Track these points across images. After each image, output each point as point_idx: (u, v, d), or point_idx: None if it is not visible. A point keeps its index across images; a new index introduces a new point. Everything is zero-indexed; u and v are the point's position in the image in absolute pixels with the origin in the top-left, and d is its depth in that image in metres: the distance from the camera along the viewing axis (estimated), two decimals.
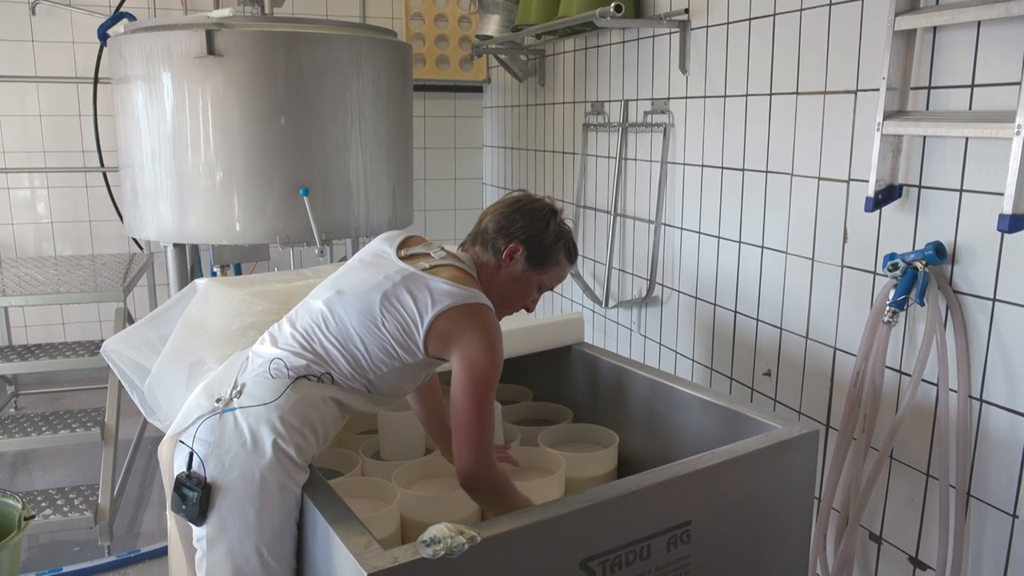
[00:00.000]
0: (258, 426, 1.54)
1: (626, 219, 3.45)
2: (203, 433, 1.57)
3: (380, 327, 1.59)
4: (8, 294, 3.21)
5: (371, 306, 1.60)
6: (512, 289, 1.75)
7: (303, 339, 1.64)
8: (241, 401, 1.57)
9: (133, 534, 3.16)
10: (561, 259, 1.78)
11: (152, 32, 3.24)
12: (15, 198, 4.54)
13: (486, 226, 1.76)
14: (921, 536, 2.12)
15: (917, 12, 1.94)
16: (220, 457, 1.53)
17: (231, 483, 1.52)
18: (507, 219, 1.74)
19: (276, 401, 1.55)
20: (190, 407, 1.65)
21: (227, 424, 1.55)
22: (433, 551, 1.23)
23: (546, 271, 1.77)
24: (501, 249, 1.72)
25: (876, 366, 2.12)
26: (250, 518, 1.52)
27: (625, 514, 1.46)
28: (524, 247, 1.72)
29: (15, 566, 2.00)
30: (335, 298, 1.66)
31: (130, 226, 3.63)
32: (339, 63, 3.34)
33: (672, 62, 3.04)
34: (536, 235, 1.73)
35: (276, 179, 3.30)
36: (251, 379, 1.60)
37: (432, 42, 4.98)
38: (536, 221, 1.74)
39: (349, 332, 1.61)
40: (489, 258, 1.74)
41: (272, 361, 1.61)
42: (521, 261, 1.73)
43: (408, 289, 1.60)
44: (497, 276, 1.74)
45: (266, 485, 1.52)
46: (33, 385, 4.62)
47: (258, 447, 1.52)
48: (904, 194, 2.08)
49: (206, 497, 1.53)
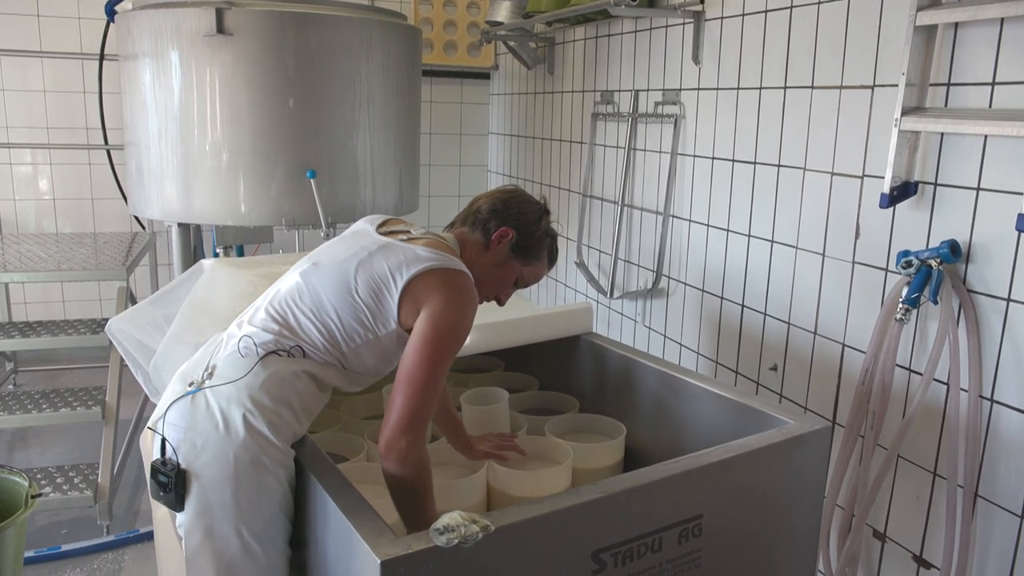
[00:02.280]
0: (228, 406, 1.52)
1: (633, 210, 3.44)
2: (175, 418, 1.55)
3: (354, 295, 1.57)
4: (10, 270, 3.19)
5: (346, 275, 1.59)
6: (493, 274, 1.74)
7: (276, 314, 1.62)
8: (212, 382, 1.55)
9: (132, 513, 3.16)
10: (543, 257, 1.79)
11: (161, 9, 3.21)
12: (17, 174, 4.51)
13: (479, 207, 1.76)
14: (926, 535, 2.12)
15: (939, 8, 1.92)
16: (192, 440, 1.52)
17: (204, 466, 1.51)
18: (503, 203, 1.75)
19: (245, 378, 1.53)
20: (165, 395, 1.64)
21: (199, 406, 1.54)
22: (447, 539, 1.22)
23: (528, 263, 1.77)
24: (491, 230, 1.72)
25: (886, 363, 2.11)
26: (227, 500, 1.50)
27: (638, 506, 1.45)
28: (515, 232, 1.72)
29: (21, 543, 1.99)
30: (311, 270, 1.65)
31: (134, 205, 3.61)
32: (349, 45, 3.31)
33: (685, 53, 3.02)
34: (527, 225, 1.74)
35: (283, 161, 3.28)
36: (221, 359, 1.59)
37: (440, 27, 4.95)
38: (529, 212, 1.76)
39: (323, 303, 1.59)
40: (477, 237, 1.73)
41: (242, 339, 1.60)
42: (507, 247, 1.72)
43: (384, 257, 1.59)
44: (481, 257, 1.72)
45: (240, 465, 1.50)
46: (32, 362, 4.61)
47: (230, 427, 1.50)
48: (919, 191, 2.06)
49: (182, 483, 1.52)
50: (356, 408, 2.31)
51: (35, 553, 2.76)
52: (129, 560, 2.83)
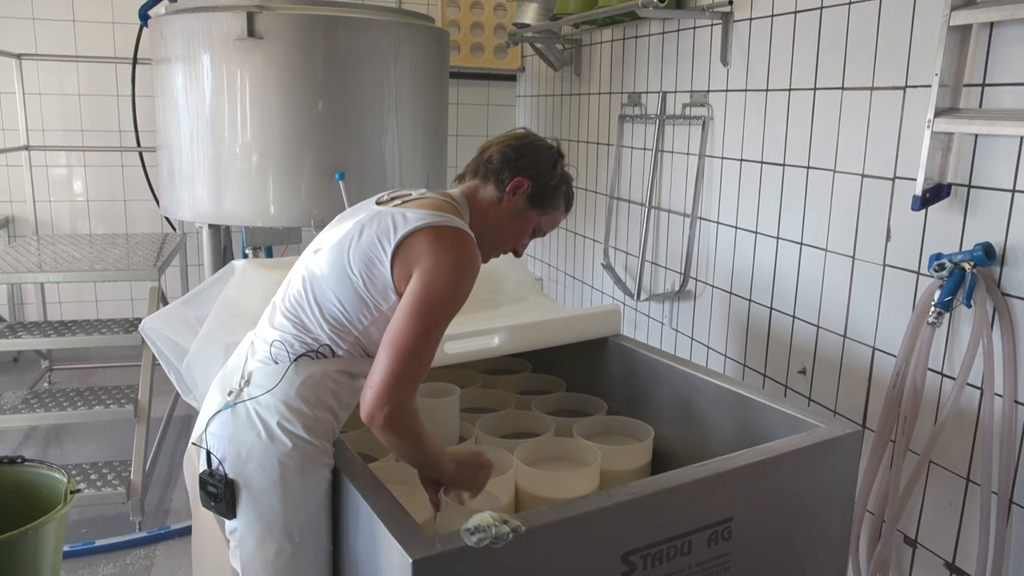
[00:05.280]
0: (268, 414, 1.52)
1: (660, 212, 3.43)
2: (218, 429, 1.56)
3: (350, 274, 1.51)
4: (46, 270, 3.25)
5: (341, 255, 1.53)
6: (510, 226, 1.68)
7: (291, 313, 1.58)
8: (249, 391, 1.55)
9: (162, 511, 3.20)
10: (560, 203, 1.73)
11: (193, 13, 3.25)
12: (53, 176, 4.60)
13: (490, 157, 1.67)
14: (959, 542, 2.09)
15: (974, 7, 1.90)
16: (237, 450, 1.53)
17: (251, 474, 1.52)
18: (515, 151, 1.66)
19: (280, 386, 1.52)
20: (205, 405, 1.65)
21: (239, 417, 1.54)
22: (477, 539, 1.23)
23: (545, 212, 1.70)
24: (505, 181, 1.64)
25: (918, 367, 2.09)
26: (275, 506, 1.52)
27: (668, 508, 1.45)
28: (530, 182, 1.65)
29: (61, 538, 2.03)
30: (313, 258, 1.61)
31: (166, 206, 3.66)
32: (378, 48, 3.34)
33: (713, 54, 3.01)
34: (542, 173, 1.66)
35: (311, 162, 3.31)
36: (256, 367, 1.58)
37: (467, 29, 4.97)
38: (544, 159, 1.68)
39: (325, 292, 1.54)
40: (490, 190, 1.66)
41: (272, 344, 1.57)
42: (523, 197, 1.65)
43: (373, 226, 1.53)
44: (496, 210, 1.66)
45: (286, 473, 1.51)
46: (66, 361, 4.69)
47: (272, 436, 1.51)
48: (953, 193, 2.04)
49: (230, 492, 1.53)
50: None
51: (69, 548, 2.82)
52: (160, 556, 2.87)
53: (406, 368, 1.42)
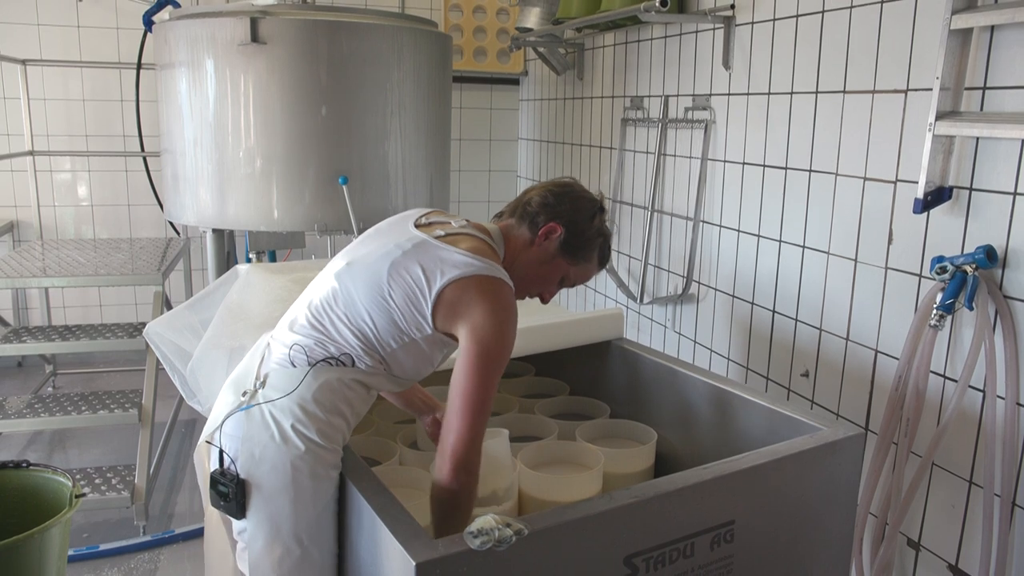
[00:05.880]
0: (283, 417, 1.52)
1: (663, 215, 3.43)
2: (232, 429, 1.56)
3: (387, 299, 1.51)
4: (50, 275, 3.26)
5: (379, 277, 1.53)
6: (537, 271, 1.67)
7: (315, 320, 1.58)
8: (265, 393, 1.55)
9: (166, 515, 3.21)
10: (593, 257, 1.71)
11: (197, 19, 3.27)
12: (57, 181, 4.61)
13: (530, 199, 1.67)
14: (962, 544, 2.09)
15: (975, 11, 1.91)
16: (250, 451, 1.53)
17: (263, 476, 1.52)
18: (555, 197, 1.66)
19: (298, 390, 1.52)
20: (218, 405, 1.65)
21: (254, 418, 1.54)
22: (481, 542, 1.23)
23: (576, 263, 1.68)
24: (539, 225, 1.64)
25: (920, 370, 2.09)
26: (286, 508, 1.52)
27: (670, 511, 1.45)
28: (563, 230, 1.63)
29: (66, 542, 2.04)
30: (344, 271, 1.59)
31: (170, 211, 3.67)
32: (381, 52, 3.35)
33: (715, 58, 3.01)
34: (579, 223, 1.65)
35: (315, 167, 3.32)
36: (273, 369, 1.57)
37: (470, 34, 4.98)
38: (583, 209, 1.67)
39: (356, 306, 1.54)
40: (524, 232, 1.65)
41: (292, 347, 1.57)
42: (555, 244, 1.64)
43: (418, 257, 1.52)
44: (526, 253, 1.65)
45: (298, 476, 1.51)
46: (70, 365, 4.70)
47: (286, 439, 1.51)
48: (954, 196, 2.04)
49: (241, 492, 1.53)
50: (389, 412, 2.32)
51: (74, 552, 2.82)
52: (164, 560, 2.87)
53: (476, 430, 1.47)
